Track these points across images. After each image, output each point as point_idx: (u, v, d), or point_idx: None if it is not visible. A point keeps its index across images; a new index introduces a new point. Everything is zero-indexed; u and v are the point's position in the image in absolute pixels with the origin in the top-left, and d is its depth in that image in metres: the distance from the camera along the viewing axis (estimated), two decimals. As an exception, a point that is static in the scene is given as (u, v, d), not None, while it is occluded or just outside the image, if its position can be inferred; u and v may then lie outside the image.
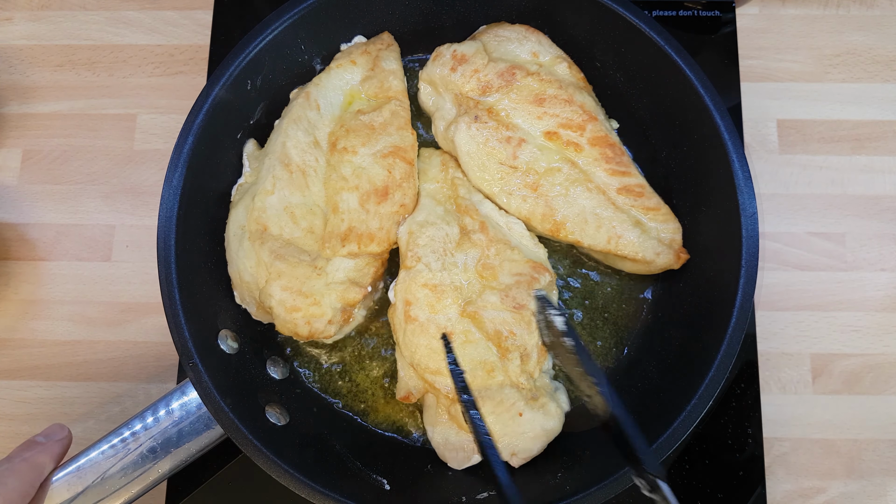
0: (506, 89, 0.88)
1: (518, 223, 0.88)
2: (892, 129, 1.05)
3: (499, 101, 0.88)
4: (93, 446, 0.74)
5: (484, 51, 0.89)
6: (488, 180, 0.88)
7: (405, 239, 0.86)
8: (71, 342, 0.99)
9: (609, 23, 0.88)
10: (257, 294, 0.84)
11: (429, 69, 0.92)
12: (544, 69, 0.89)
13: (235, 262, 0.85)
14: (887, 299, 0.99)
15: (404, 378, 0.85)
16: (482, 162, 0.88)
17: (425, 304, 0.82)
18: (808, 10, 1.10)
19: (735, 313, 0.77)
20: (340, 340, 0.92)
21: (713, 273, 0.84)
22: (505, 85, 0.88)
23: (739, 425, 0.93)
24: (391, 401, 0.91)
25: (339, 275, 0.85)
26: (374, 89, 0.92)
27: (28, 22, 1.11)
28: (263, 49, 0.87)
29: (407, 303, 0.82)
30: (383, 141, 0.88)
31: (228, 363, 0.82)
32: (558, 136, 0.87)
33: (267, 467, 0.74)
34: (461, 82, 0.89)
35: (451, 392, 0.79)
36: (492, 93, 0.88)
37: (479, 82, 0.88)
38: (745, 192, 0.80)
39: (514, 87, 0.88)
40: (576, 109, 0.87)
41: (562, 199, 0.86)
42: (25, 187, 1.04)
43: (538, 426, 0.80)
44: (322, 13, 0.90)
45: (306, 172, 0.87)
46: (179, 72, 1.09)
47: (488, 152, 0.87)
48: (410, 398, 0.84)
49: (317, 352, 0.92)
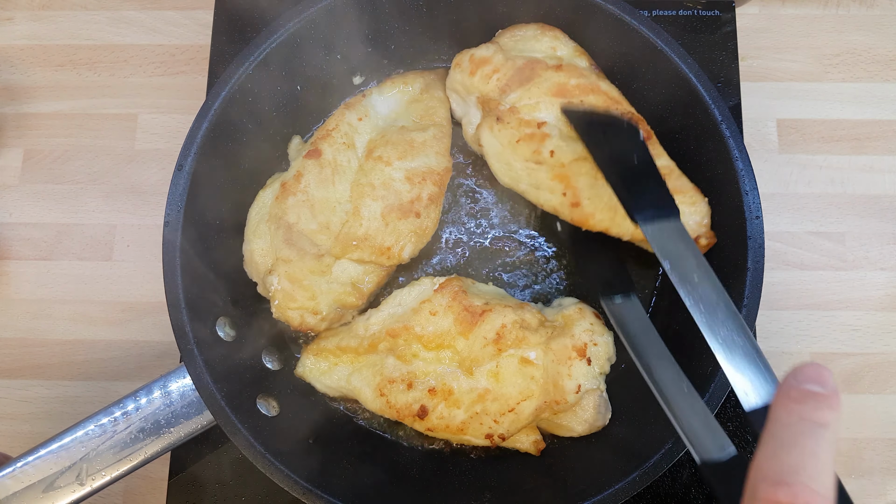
0: (527, 85, 0.87)
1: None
2: (892, 128, 1.05)
3: (520, 97, 0.87)
4: (80, 424, 0.75)
5: (501, 51, 0.89)
6: (515, 178, 0.87)
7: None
8: (72, 341, 0.99)
9: (605, 24, 0.88)
10: (264, 275, 0.86)
11: (451, 77, 0.92)
12: (565, 61, 0.89)
13: (250, 241, 0.87)
14: (887, 299, 0.99)
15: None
16: (508, 161, 0.87)
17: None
18: (808, 10, 1.10)
19: (742, 313, 0.77)
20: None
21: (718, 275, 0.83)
22: (526, 80, 0.87)
23: (739, 424, 0.93)
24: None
25: (343, 277, 0.86)
26: (420, 112, 0.94)
27: (29, 22, 1.11)
28: (292, 35, 0.87)
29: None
30: (420, 160, 0.89)
31: (224, 350, 0.82)
32: None
33: (252, 457, 0.74)
34: (481, 84, 0.88)
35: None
36: (513, 90, 0.87)
37: (500, 82, 0.88)
38: (750, 194, 0.80)
39: (534, 82, 0.87)
40: (600, 97, 0.86)
41: (589, 189, 0.84)
42: (26, 187, 1.05)
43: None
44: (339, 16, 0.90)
45: (336, 170, 0.88)
46: (180, 72, 1.09)
47: (513, 150, 0.86)
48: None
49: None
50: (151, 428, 0.76)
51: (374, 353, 0.84)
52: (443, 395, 0.80)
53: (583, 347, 0.82)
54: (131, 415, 0.75)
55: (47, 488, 0.72)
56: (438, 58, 1.02)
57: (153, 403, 0.76)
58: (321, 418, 0.88)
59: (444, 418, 0.79)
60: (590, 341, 0.82)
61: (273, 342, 0.91)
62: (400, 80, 0.96)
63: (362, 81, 1.01)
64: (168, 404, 0.77)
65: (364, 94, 0.94)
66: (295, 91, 0.93)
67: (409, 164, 0.89)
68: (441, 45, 1.00)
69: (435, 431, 0.81)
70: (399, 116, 0.95)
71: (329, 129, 0.90)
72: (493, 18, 0.94)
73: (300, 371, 0.87)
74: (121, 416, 0.75)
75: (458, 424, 0.79)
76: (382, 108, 0.95)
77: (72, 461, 0.73)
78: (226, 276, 0.87)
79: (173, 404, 0.77)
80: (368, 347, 0.84)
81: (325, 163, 0.88)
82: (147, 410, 0.76)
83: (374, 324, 0.86)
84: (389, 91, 0.95)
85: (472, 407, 0.79)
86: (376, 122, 0.93)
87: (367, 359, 0.85)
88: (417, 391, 0.80)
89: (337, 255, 0.86)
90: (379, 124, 0.93)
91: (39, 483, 0.72)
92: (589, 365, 0.82)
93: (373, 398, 0.82)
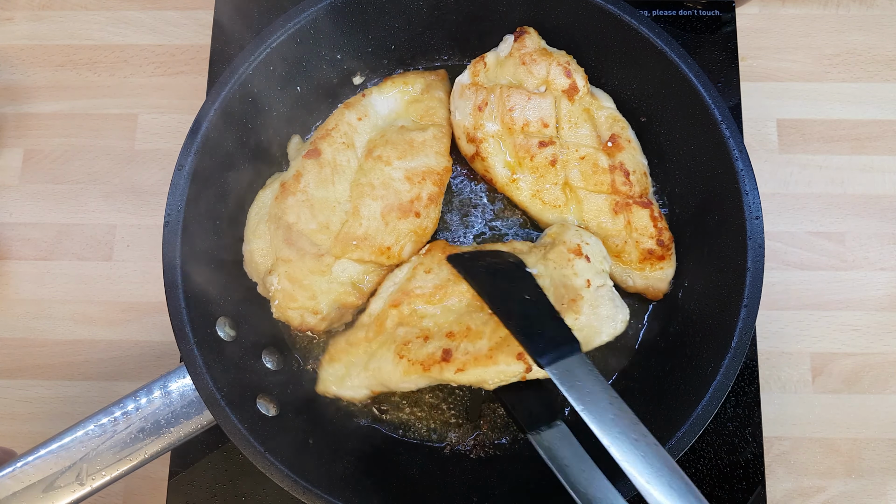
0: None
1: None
2: (892, 128, 1.05)
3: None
4: (80, 423, 0.75)
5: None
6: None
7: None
8: (72, 341, 0.99)
9: (605, 24, 0.88)
10: (263, 275, 0.86)
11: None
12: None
13: (250, 241, 0.87)
14: (887, 299, 0.99)
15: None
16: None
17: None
18: (808, 10, 1.10)
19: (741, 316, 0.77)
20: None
21: (717, 283, 0.84)
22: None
23: (739, 424, 0.93)
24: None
25: (343, 277, 0.86)
26: (420, 112, 0.94)
27: (29, 22, 1.11)
28: (293, 35, 0.87)
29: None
30: (419, 160, 0.89)
31: (224, 350, 0.82)
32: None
33: (251, 457, 0.74)
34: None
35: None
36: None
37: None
38: (750, 194, 0.80)
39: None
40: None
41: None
42: (26, 187, 1.05)
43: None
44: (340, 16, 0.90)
45: (336, 170, 0.88)
46: (180, 72, 1.09)
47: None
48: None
49: (311, 344, 0.93)
50: (151, 428, 0.76)
51: (383, 332, 0.83)
52: (462, 335, 0.78)
53: (577, 247, 0.82)
54: (131, 415, 0.75)
55: (47, 488, 0.72)
56: (438, 58, 1.02)
57: (153, 403, 0.76)
58: (321, 419, 0.88)
59: (469, 353, 0.77)
60: (581, 242, 0.83)
61: (273, 342, 0.91)
62: (400, 80, 0.96)
63: (362, 81, 1.01)
64: (168, 404, 0.77)
65: (364, 94, 0.94)
66: (295, 91, 0.93)
67: (409, 163, 0.89)
68: (441, 45, 1.00)
69: (466, 371, 0.76)
70: (399, 116, 0.94)
71: (329, 129, 0.90)
72: (492, 18, 0.94)
73: (322, 388, 0.86)
74: (121, 416, 0.75)
75: (486, 353, 0.76)
76: (382, 107, 0.94)
77: (72, 461, 0.73)
78: (226, 276, 0.87)
79: (173, 404, 0.77)
80: (377, 330, 0.83)
81: (324, 162, 0.88)
82: (147, 410, 0.76)
83: (376, 306, 0.86)
84: (389, 91, 0.95)
85: (494, 334, 0.77)
86: (376, 121, 0.93)
87: (378, 341, 0.83)
88: (436, 340, 0.79)
89: (337, 254, 0.85)
90: (378, 124, 0.93)
91: (39, 483, 0.72)
92: (589, 262, 0.82)
93: (394, 367, 0.80)
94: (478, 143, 0.91)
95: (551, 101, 0.89)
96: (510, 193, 0.92)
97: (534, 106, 0.89)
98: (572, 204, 0.90)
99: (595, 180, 0.88)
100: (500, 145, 0.91)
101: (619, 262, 0.90)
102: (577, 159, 0.89)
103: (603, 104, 0.92)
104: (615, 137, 0.90)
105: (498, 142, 0.91)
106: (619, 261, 0.90)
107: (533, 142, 0.89)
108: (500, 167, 0.92)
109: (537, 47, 0.91)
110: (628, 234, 0.88)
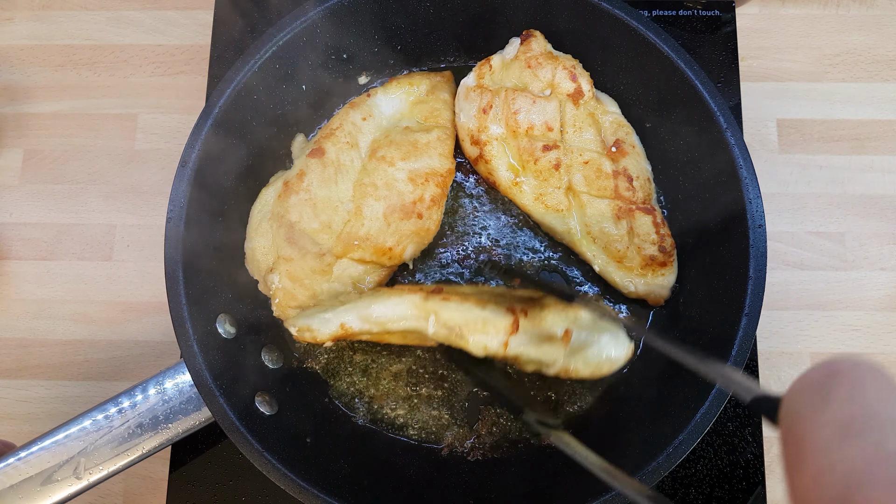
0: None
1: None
2: (892, 128, 1.05)
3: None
4: (78, 418, 0.75)
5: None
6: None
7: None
8: (72, 341, 0.99)
9: (605, 25, 0.88)
10: (265, 273, 0.86)
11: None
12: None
13: (252, 239, 0.87)
14: (887, 299, 0.99)
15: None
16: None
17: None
18: (808, 10, 1.10)
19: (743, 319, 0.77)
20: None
21: (719, 291, 0.83)
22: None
23: (739, 424, 0.93)
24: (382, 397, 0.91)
25: (344, 277, 0.86)
26: (425, 113, 0.94)
27: (29, 22, 1.11)
28: (298, 33, 0.87)
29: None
30: (423, 161, 0.89)
31: (223, 347, 0.82)
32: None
33: (250, 455, 0.74)
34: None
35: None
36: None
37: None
38: (754, 202, 0.79)
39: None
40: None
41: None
42: (26, 187, 1.05)
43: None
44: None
45: (339, 169, 0.88)
46: (180, 72, 1.09)
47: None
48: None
49: (311, 343, 0.93)
50: (149, 423, 0.76)
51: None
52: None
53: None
54: (130, 410, 0.76)
55: (45, 481, 0.72)
56: (444, 59, 1.02)
57: (151, 399, 0.76)
58: (319, 418, 0.88)
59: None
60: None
61: (273, 341, 0.91)
62: (405, 81, 0.96)
63: (367, 81, 1.01)
64: (166, 400, 0.77)
65: (369, 94, 0.94)
66: (300, 89, 0.93)
67: (413, 164, 0.89)
68: (447, 46, 1.00)
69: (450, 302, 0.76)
70: (403, 117, 0.94)
71: (333, 129, 0.90)
72: (498, 21, 0.94)
73: (297, 334, 0.81)
74: (119, 412, 0.75)
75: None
76: (387, 108, 0.94)
77: (69, 455, 0.73)
78: (227, 274, 0.87)
79: (172, 400, 0.77)
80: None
81: (328, 162, 0.88)
82: (145, 406, 0.76)
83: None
84: (394, 91, 0.95)
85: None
86: (380, 122, 0.93)
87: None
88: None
89: (338, 254, 0.85)
90: (383, 124, 0.93)
91: (37, 476, 0.72)
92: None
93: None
94: (482, 146, 0.91)
95: (556, 104, 0.89)
96: (513, 196, 0.92)
97: (539, 109, 0.89)
98: (575, 208, 0.90)
99: (598, 185, 0.88)
100: (504, 148, 0.91)
101: (620, 267, 0.90)
102: (581, 164, 0.89)
103: (608, 109, 0.92)
104: (619, 142, 0.90)
105: (502, 144, 0.91)
106: (620, 266, 0.90)
107: (537, 145, 0.89)
108: (504, 170, 0.91)
109: (543, 51, 0.91)
110: (630, 239, 0.88)
